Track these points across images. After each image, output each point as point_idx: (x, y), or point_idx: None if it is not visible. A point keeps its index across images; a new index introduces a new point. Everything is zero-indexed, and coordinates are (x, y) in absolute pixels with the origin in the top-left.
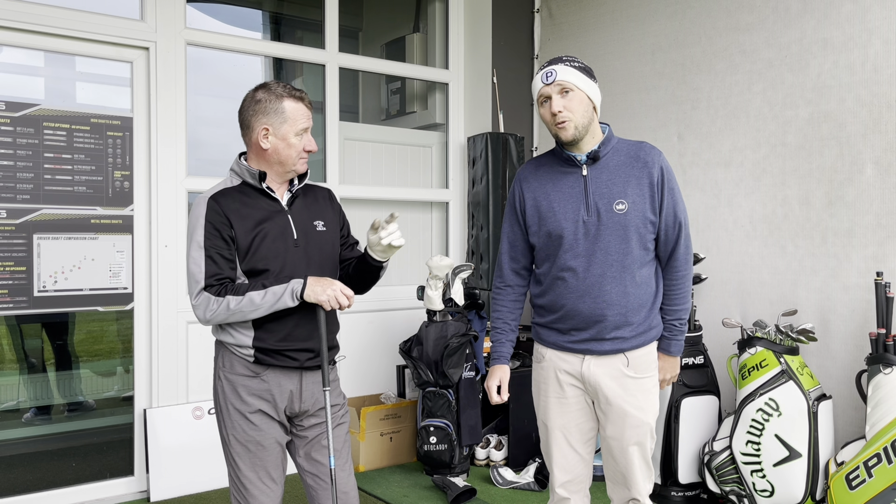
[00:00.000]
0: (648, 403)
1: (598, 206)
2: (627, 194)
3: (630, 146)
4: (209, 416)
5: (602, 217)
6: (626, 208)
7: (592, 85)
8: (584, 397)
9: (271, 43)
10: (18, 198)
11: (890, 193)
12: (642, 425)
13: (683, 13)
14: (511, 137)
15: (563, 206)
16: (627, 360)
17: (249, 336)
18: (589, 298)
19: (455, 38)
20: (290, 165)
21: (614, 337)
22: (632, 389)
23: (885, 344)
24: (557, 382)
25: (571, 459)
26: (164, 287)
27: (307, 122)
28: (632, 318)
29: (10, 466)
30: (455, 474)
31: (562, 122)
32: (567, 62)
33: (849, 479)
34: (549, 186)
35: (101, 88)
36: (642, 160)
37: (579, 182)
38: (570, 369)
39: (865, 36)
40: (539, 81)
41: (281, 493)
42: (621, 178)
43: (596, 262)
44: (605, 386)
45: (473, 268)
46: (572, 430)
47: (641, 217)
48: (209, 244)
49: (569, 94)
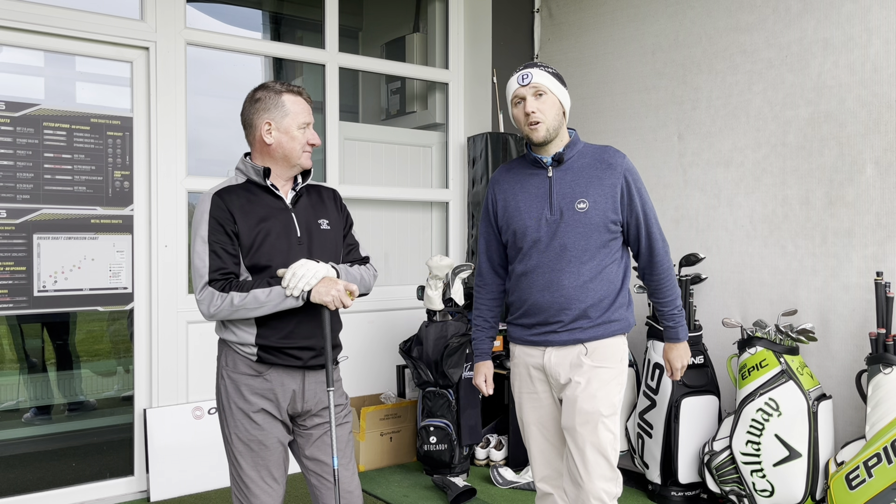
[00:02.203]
0: (602, 393)
1: (562, 206)
2: (589, 194)
3: (595, 150)
4: (209, 415)
5: (564, 215)
6: (587, 207)
7: (564, 91)
8: (551, 391)
9: (271, 43)
10: (18, 198)
11: (890, 193)
12: (593, 412)
13: (684, 13)
14: (511, 137)
15: (528, 205)
16: (586, 350)
17: (252, 333)
18: (548, 292)
19: (455, 38)
20: (295, 159)
21: (572, 328)
22: (586, 376)
23: (885, 344)
24: (529, 378)
25: (549, 454)
26: (164, 287)
27: (308, 116)
28: (591, 312)
29: (10, 466)
30: (455, 474)
31: (534, 123)
32: (542, 67)
33: (849, 478)
34: (518, 188)
35: (101, 88)
36: (606, 162)
37: (545, 183)
38: (535, 364)
39: (866, 36)
40: (514, 83)
41: (283, 492)
42: (584, 179)
43: (555, 258)
44: (562, 375)
45: (473, 268)
46: (547, 424)
47: (602, 216)
48: (213, 239)
49: (542, 96)
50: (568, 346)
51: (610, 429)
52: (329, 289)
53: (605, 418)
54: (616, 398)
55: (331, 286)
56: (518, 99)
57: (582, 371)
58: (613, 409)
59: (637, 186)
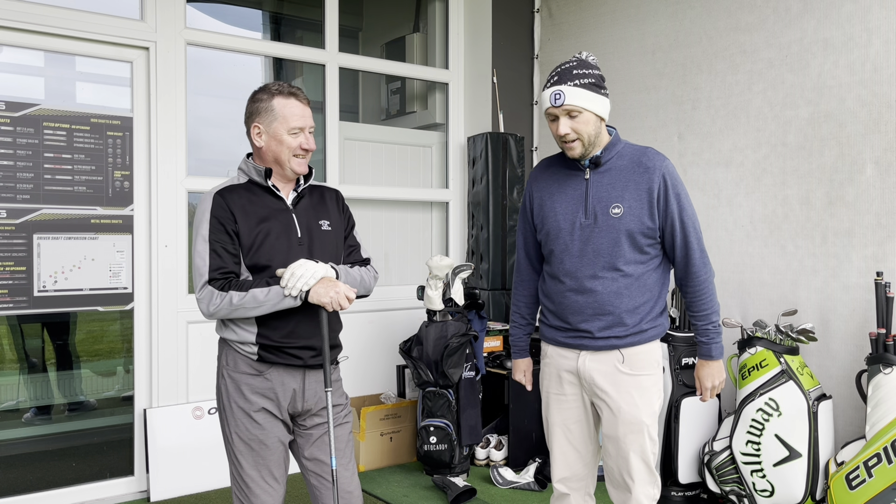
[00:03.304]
0: (644, 401)
1: (596, 210)
2: (625, 199)
3: (635, 151)
4: (209, 416)
5: (598, 220)
6: (621, 212)
7: (600, 100)
8: (582, 395)
9: (271, 43)
10: (18, 198)
11: (890, 193)
12: (636, 422)
13: (684, 13)
14: (511, 137)
15: (563, 206)
16: (623, 357)
17: (252, 332)
18: (581, 297)
19: (455, 37)
20: (285, 164)
21: (607, 335)
22: (626, 386)
23: (885, 344)
24: (558, 379)
25: (571, 457)
26: (164, 287)
27: (300, 120)
28: (626, 319)
29: (10, 466)
30: (455, 474)
31: (569, 143)
32: (576, 82)
33: (849, 478)
34: (555, 187)
35: (101, 88)
36: (644, 165)
37: (581, 185)
38: (568, 366)
39: (865, 36)
40: (547, 100)
41: (283, 492)
42: (621, 182)
43: (588, 263)
44: (599, 382)
45: (473, 268)
46: (572, 427)
47: (637, 222)
48: (214, 238)
49: (577, 116)
50: (603, 351)
51: (652, 436)
52: (328, 290)
53: (648, 426)
54: (656, 405)
55: (329, 287)
56: (551, 116)
57: (621, 382)
58: (654, 415)
59: (676, 191)
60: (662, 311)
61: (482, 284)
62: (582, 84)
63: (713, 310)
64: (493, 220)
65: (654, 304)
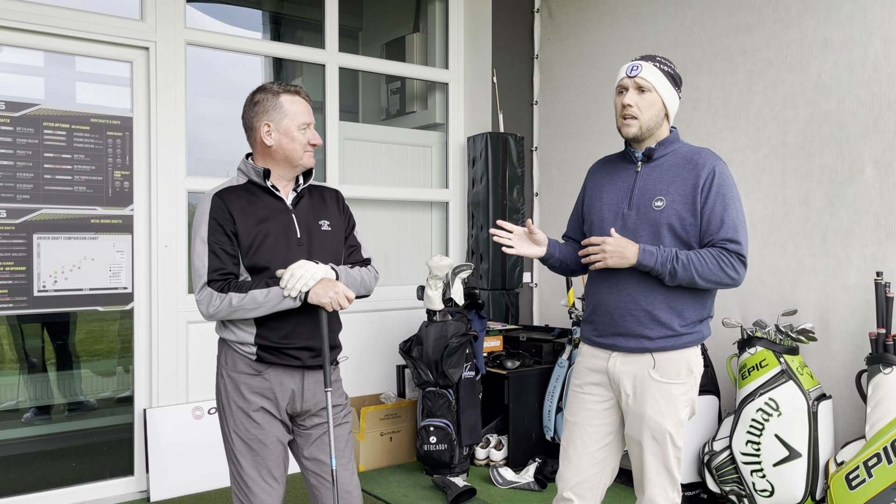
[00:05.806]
0: (670, 410)
1: (639, 202)
2: (669, 192)
3: (689, 150)
4: (209, 415)
5: (640, 211)
6: (663, 205)
7: (672, 92)
8: (606, 397)
9: (271, 43)
10: (18, 198)
11: (890, 193)
12: (659, 429)
13: (684, 13)
14: (511, 137)
15: (610, 197)
16: (654, 362)
17: (252, 333)
18: (616, 291)
19: (455, 38)
20: (297, 160)
21: (639, 335)
22: (653, 392)
23: (885, 344)
24: (584, 378)
25: (583, 461)
26: (163, 287)
27: (307, 116)
28: (661, 317)
29: (10, 466)
30: (455, 474)
31: (628, 117)
32: (658, 63)
33: (849, 478)
34: (607, 179)
35: (101, 88)
36: (694, 162)
37: (631, 178)
38: (597, 367)
39: (865, 36)
40: (623, 72)
41: (282, 492)
42: (668, 177)
43: None
44: (627, 385)
45: (473, 268)
46: (590, 430)
47: (677, 216)
48: (213, 239)
49: (645, 93)
50: (634, 353)
51: (676, 443)
52: (327, 290)
53: (671, 434)
54: (683, 413)
55: (329, 288)
56: (621, 88)
57: (649, 388)
58: (680, 424)
59: (722, 191)
60: (704, 318)
61: (482, 284)
62: (661, 69)
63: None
64: (493, 220)
65: (692, 306)
